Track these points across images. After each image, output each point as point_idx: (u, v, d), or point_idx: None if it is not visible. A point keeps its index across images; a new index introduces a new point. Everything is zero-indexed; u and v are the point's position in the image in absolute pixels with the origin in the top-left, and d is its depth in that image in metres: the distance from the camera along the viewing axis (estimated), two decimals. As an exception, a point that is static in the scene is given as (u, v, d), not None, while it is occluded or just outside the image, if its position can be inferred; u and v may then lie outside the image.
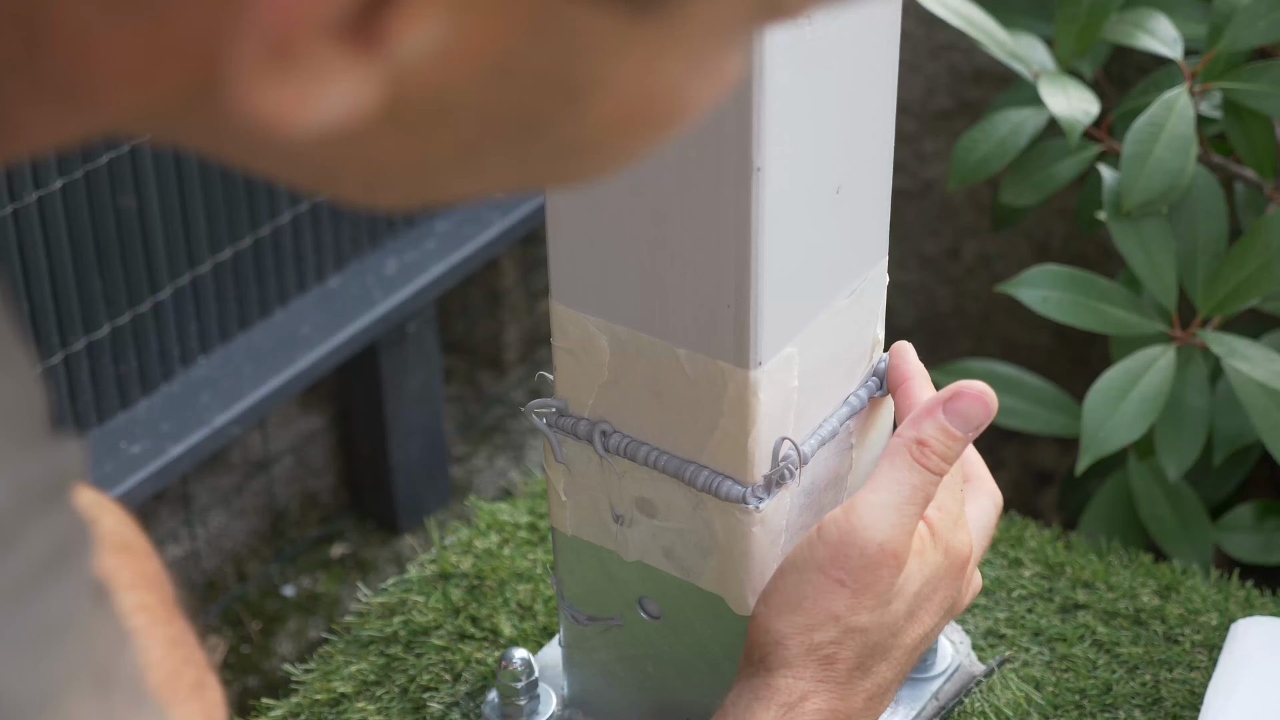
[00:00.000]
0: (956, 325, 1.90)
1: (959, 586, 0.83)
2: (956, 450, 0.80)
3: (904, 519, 0.79)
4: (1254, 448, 1.42)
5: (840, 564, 0.79)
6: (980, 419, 0.80)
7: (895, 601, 0.80)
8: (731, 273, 0.76)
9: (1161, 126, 1.24)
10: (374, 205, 0.44)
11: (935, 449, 0.80)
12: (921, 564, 0.81)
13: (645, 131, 0.42)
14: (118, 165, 1.31)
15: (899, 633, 0.81)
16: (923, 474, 0.79)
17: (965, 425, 0.80)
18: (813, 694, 0.79)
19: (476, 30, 0.37)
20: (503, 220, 1.64)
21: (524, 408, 0.85)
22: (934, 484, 0.80)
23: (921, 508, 0.80)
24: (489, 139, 0.41)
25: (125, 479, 1.37)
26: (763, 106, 0.71)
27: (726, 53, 0.42)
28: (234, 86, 0.36)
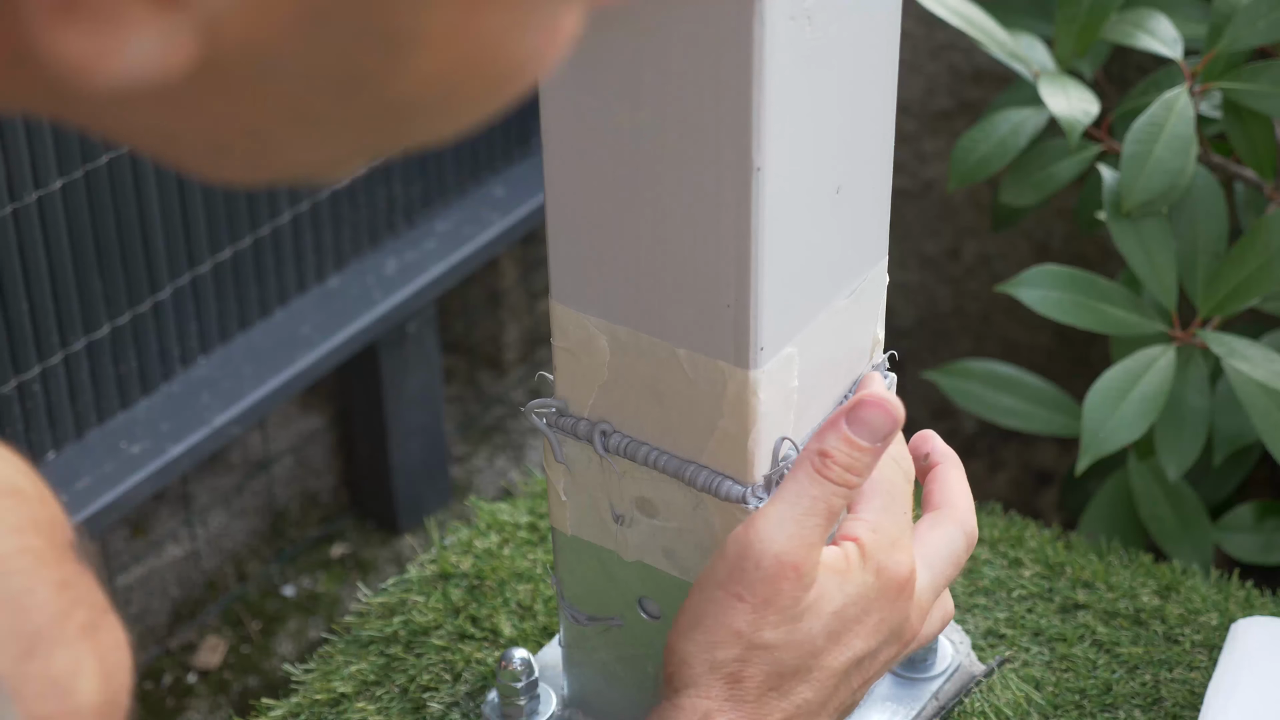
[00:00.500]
0: (956, 325, 1.90)
1: (902, 610, 0.79)
2: (863, 461, 0.77)
3: (803, 531, 0.76)
4: (1254, 448, 1.42)
5: (738, 578, 0.76)
6: (885, 428, 0.77)
7: (807, 619, 0.77)
8: (731, 273, 0.76)
9: (1161, 126, 1.24)
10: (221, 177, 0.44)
11: (838, 460, 0.77)
12: (844, 582, 0.77)
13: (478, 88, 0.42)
14: (117, 165, 1.31)
15: (819, 654, 0.77)
16: (824, 485, 0.77)
17: (870, 434, 0.77)
18: (718, 713, 0.76)
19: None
20: (503, 220, 1.64)
21: (524, 408, 0.85)
22: (839, 496, 0.77)
23: (825, 519, 0.77)
24: (317, 98, 0.40)
25: (125, 479, 1.37)
26: (763, 106, 0.71)
27: (559, 7, 0.42)
28: (32, 34, 0.36)
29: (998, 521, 1.13)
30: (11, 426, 1.32)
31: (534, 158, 1.69)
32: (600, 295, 0.80)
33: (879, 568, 0.78)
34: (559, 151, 0.78)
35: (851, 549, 0.78)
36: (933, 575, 0.81)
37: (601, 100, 0.75)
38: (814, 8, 0.72)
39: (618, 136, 0.76)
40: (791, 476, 0.78)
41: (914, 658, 0.98)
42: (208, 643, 1.66)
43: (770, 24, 0.70)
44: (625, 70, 0.74)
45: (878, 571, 0.78)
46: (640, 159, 0.76)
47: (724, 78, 0.71)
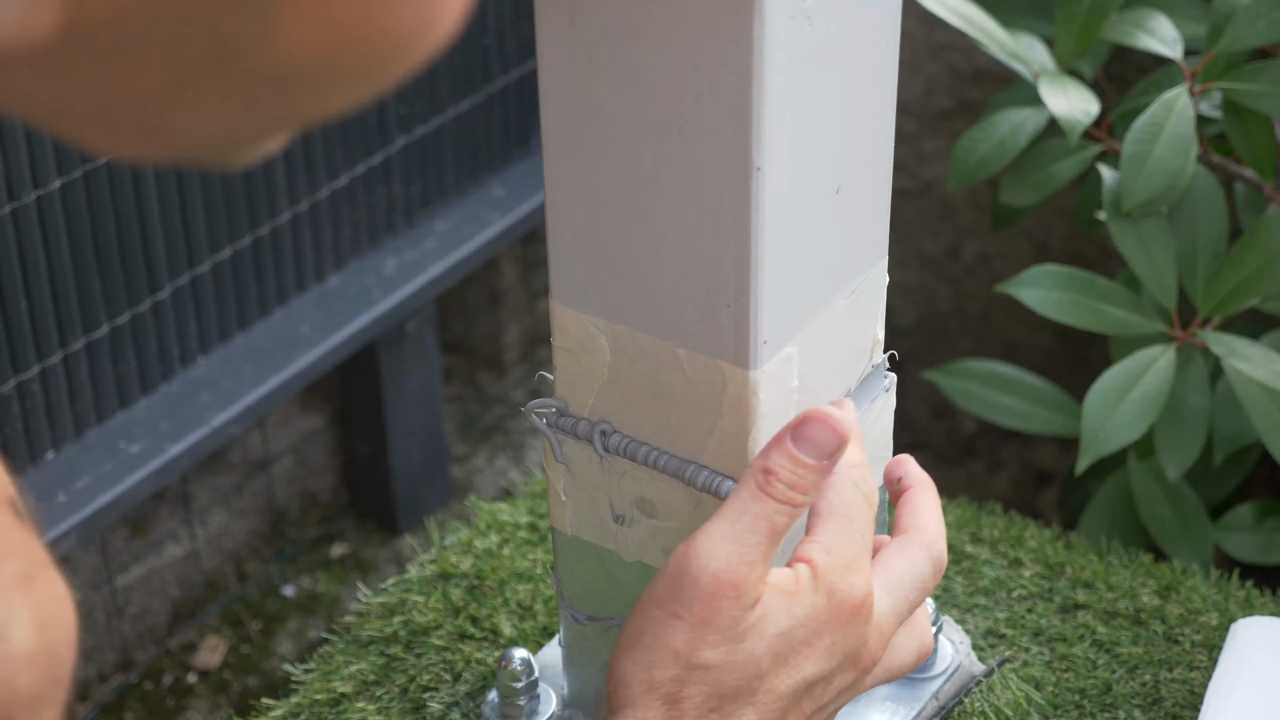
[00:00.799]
0: (956, 325, 1.90)
1: (857, 634, 0.77)
2: (808, 478, 0.76)
3: (744, 548, 0.74)
4: (1254, 448, 1.42)
5: (676, 596, 0.75)
6: (830, 445, 0.76)
7: (750, 640, 0.75)
8: (731, 273, 0.76)
9: (1161, 126, 1.24)
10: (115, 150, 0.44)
11: (781, 476, 0.75)
12: (792, 604, 0.75)
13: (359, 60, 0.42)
14: (117, 165, 1.31)
15: (764, 675, 0.75)
16: (767, 502, 0.75)
17: (815, 451, 0.76)
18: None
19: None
20: (503, 220, 1.64)
21: (524, 408, 0.85)
22: (782, 513, 0.75)
23: (767, 537, 0.75)
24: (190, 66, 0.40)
25: (125, 479, 1.37)
26: (763, 106, 0.71)
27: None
28: None
29: (998, 521, 1.13)
30: (11, 426, 1.32)
31: (534, 158, 1.69)
32: (600, 295, 0.80)
33: (831, 590, 0.76)
34: (559, 151, 0.78)
35: (803, 570, 0.76)
36: (894, 600, 0.79)
37: (601, 100, 0.75)
38: (814, 8, 0.72)
39: (618, 137, 0.76)
40: (735, 493, 0.76)
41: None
42: (208, 643, 1.66)
43: (770, 24, 0.70)
44: (625, 70, 0.74)
45: (830, 593, 0.76)
46: (640, 159, 0.76)
47: (724, 78, 0.71)
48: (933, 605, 0.97)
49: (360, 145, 1.51)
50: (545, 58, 0.76)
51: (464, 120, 1.60)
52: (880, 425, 0.90)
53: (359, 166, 1.52)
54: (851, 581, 0.76)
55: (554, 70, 0.76)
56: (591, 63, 0.75)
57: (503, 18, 1.60)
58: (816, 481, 0.76)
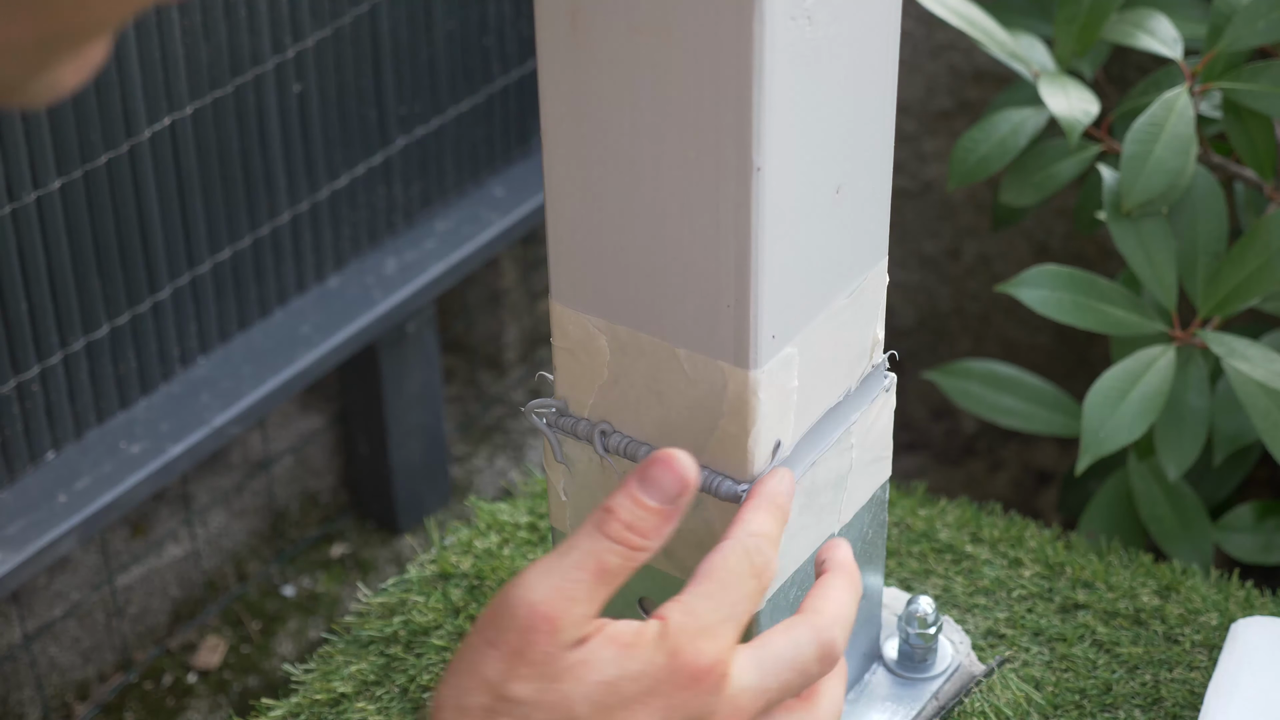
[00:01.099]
0: (956, 325, 1.90)
1: (701, 703, 0.73)
2: (646, 521, 0.73)
3: (565, 583, 0.72)
4: (1254, 448, 1.42)
5: (493, 624, 0.72)
6: (672, 488, 0.73)
7: (566, 681, 0.72)
8: (731, 273, 0.76)
9: (1161, 126, 1.24)
10: None
11: (619, 515, 0.73)
12: (625, 656, 0.72)
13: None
14: (117, 165, 1.31)
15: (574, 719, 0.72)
16: (599, 540, 0.73)
17: (657, 494, 0.73)
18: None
19: None
20: (503, 220, 1.64)
21: (524, 408, 0.85)
22: (615, 554, 0.73)
23: (594, 576, 0.72)
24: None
25: (125, 479, 1.37)
26: (763, 106, 0.71)
27: None
28: None
29: (998, 521, 1.13)
30: (11, 426, 1.32)
31: (534, 158, 1.69)
32: (600, 295, 0.80)
33: (675, 650, 0.72)
34: (559, 151, 0.78)
35: (651, 625, 0.73)
36: (761, 676, 0.74)
37: (601, 100, 0.75)
38: (814, 8, 0.72)
39: (618, 136, 0.76)
40: (574, 530, 0.74)
41: (913, 657, 0.98)
42: (208, 643, 1.66)
43: (770, 24, 0.70)
44: (625, 70, 0.74)
45: (672, 654, 0.72)
46: (640, 159, 0.76)
47: (724, 78, 0.71)
48: (933, 605, 0.97)
49: (360, 145, 1.51)
50: (545, 58, 0.76)
51: (464, 120, 1.60)
52: (880, 425, 0.90)
53: (359, 166, 1.52)
54: (701, 647, 0.73)
55: (554, 70, 0.76)
56: (591, 63, 0.75)
57: (503, 18, 1.60)
58: (658, 525, 0.74)
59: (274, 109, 1.41)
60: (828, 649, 0.75)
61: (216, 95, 1.36)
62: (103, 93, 1.28)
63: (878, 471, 0.91)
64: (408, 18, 1.50)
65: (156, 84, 1.31)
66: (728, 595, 0.74)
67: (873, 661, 0.99)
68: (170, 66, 1.31)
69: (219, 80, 1.36)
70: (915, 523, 1.13)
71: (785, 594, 0.86)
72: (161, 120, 1.33)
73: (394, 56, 1.50)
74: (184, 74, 1.33)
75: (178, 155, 1.35)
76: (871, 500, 0.92)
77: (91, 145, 1.29)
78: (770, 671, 0.74)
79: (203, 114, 1.36)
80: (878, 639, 0.99)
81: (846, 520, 0.90)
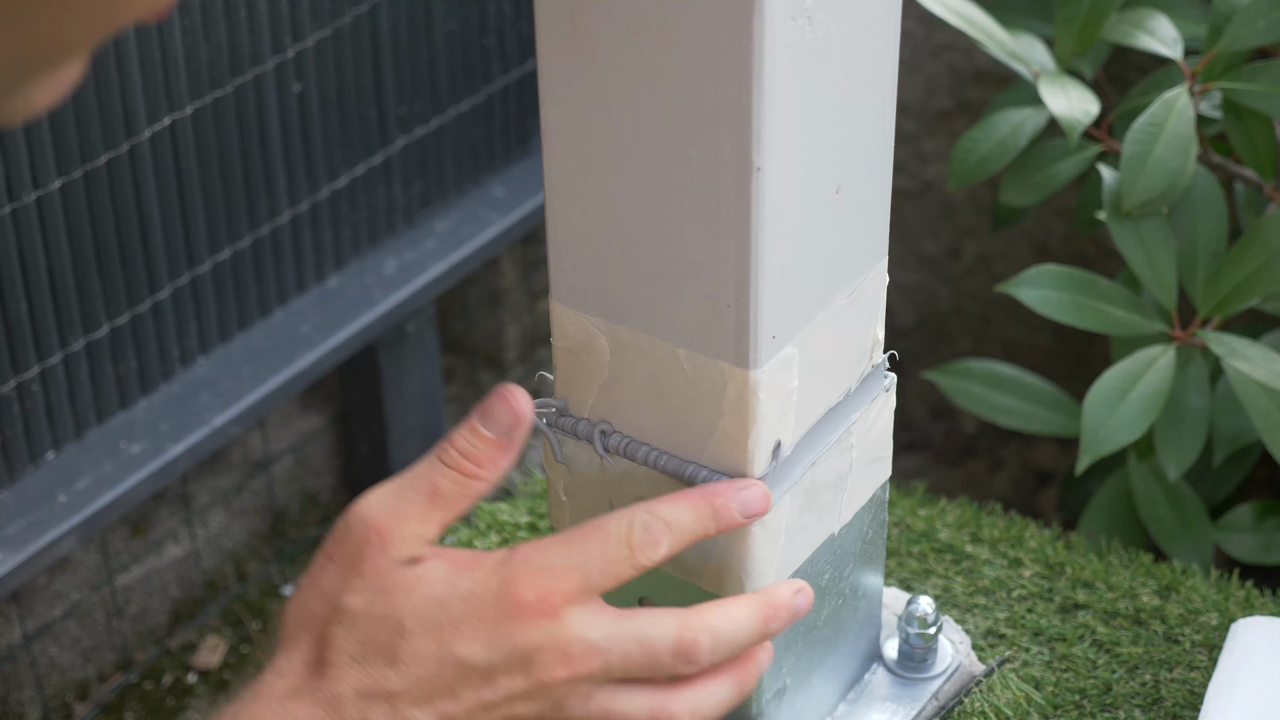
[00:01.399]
0: (956, 325, 1.90)
1: (528, 638, 0.74)
2: (482, 450, 0.76)
3: (398, 502, 0.75)
4: (1254, 448, 1.42)
5: (333, 539, 0.76)
6: (505, 421, 0.76)
7: (397, 596, 0.74)
8: (731, 273, 0.76)
9: (1161, 126, 1.24)
10: None
11: (457, 444, 0.76)
12: (458, 575, 0.74)
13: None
14: (117, 165, 1.31)
15: (406, 636, 0.74)
16: (434, 464, 0.76)
17: (493, 426, 0.76)
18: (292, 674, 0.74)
19: None
20: (503, 220, 1.64)
21: (524, 408, 0.85)
22: (447, 478, 0.76)
23: (428, 498, 0.75)
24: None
25: (125, 479, 1.37)
26: (763, 106, 0.71)
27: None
28: None
29: (998, 521, 1.13)
30: (11, 426, 1.32)
31: (534, 158, 1.69)
32: (600, 295, 0.80)
33: (508, 578, 0.74)
34: (559, 151, 0.78)
35: (495, 553, 0.75)
36: (604, 638, 0.75)
37: (601, 101, 0.75)
38: (814, 8, 0.72)
39: (618, 136, 0.76)
40: None
41: (913, 657, 0.98)
42: (208, 643, 1.66)
43: (770, 24, 0.70)
44: (625, 70, 0.74)
45: (505, 580, 0.74)
46: (640, 159, 0.76)
47: (724, 78, 0.71)
48: (933, 605, 0.97)
49: (360, 145, 1.51)
50: (545, 58, 0.76)
51: (464, 120, 1.60)
52: (880, 425, 0.90)
53: (359, 166, 1.52)
54: (536, 580, 0.74)
55: (554, 70, 0.76)
56: (591, 62, 0.75)
57: (503, 18, 1.60)
58: (492, 456, 0.76)
59: (274, 109, 1.41)
60: (687, 648, 0.75)
61: (216, 95, 1.36)
62: (103, 93, 1.28)
63: (878, 471, 0.91)
64: (408, 18, 1.50)
65: (156, 84, 1.31)
66: (587, 549, 0.75)
67: (873, 661, 0.99)
68: (170, 66, 1.31)
69: (219, 80, 1.36)
70: (915, 523, 1.13)
71: (785, 594, 0.86)
72: (161, 120, 1.33)
73: (394, 56, 1.50)
74: (184, 74, 1.33)
75: (178, 155, 1.35)
76: (871, 500, 0.92)
77: (91, 145, 1.29)
78: (616, 638, 0.75)
79: (203, 114, 1.36)
80: (878, 639, 0.99)
81: (846, 520, 0.90)
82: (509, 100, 1.64)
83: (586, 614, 0.75)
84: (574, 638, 0.74)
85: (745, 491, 0.79)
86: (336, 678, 0.74)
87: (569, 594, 0.74)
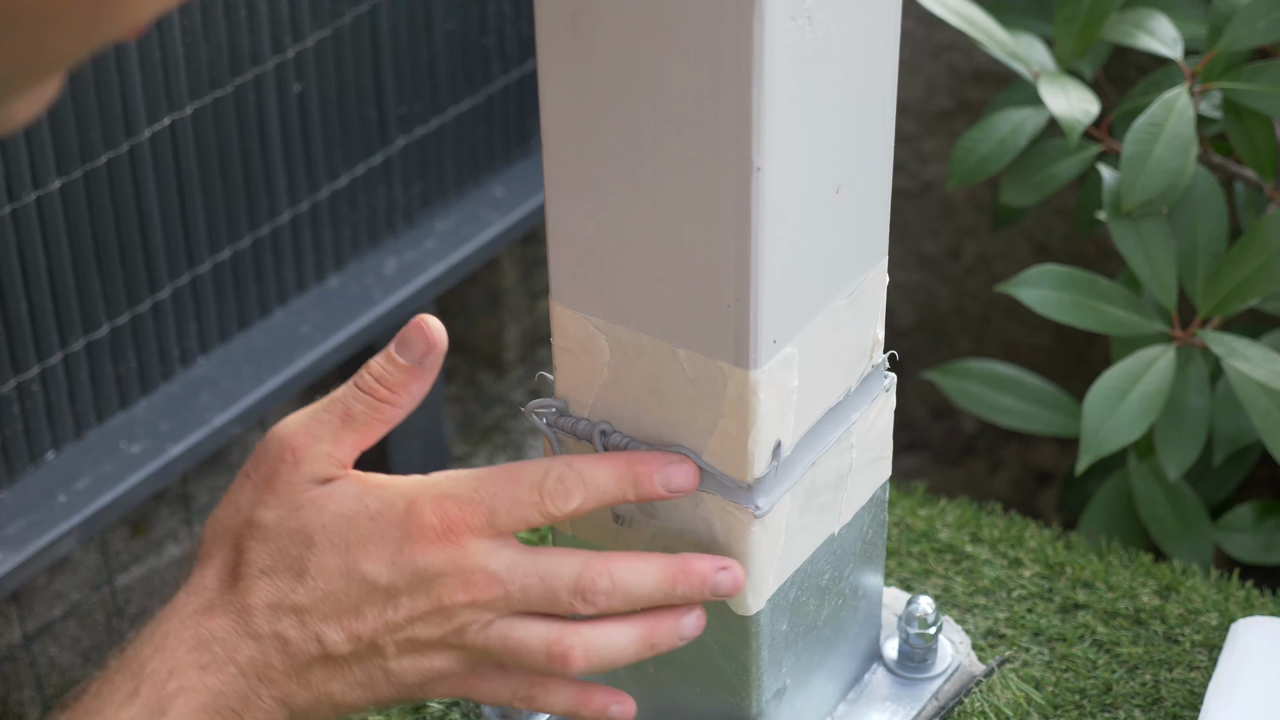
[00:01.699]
0: (956, 325, 1.90)
1: (429, 560, 0.76)
2: (394, 375, 0.79)
3: (312, 422, 0.78)
4: (1254, 448, 1.42)
5: (252, 457, 0.79)
6: (419, 348, 0.80)
7: (307, 511, 0.77)
8: (731, 273, 0.76)
9: (1161, 126, 1.24)
10: None
11: (371, 369, 0.80)
12: (367, 493, 0.77)
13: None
14: (117, 165, 1.31)
15: (314, 549, 0.76)
16: (350, 389, 0.79)
17: (407, 352, 0.80)
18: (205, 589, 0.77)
19: None
20: (503, 220, 1.64)
21: (524, 408, 0.85)
22: (360, 401, 0.79)
23: (341, 419, 0.78)
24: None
25: (125, 479, 1.36)
26: (763, 106, 0.71)
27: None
28: None
29: (998, 521, 1.13)
30: (11, 426, 1.32)
31: (534, 158, 1.69)
32: (600, 295, 0.80)
33: (415, 500, 0.76)
34: (559, 151, 0.78)
35: (409, 478, 0.78)
36: (506, 569, 0.77)
37: (601, 101, 0.75)
38: (814, 8, 0.72)
39: (618, 136, 0.76)
40: None
41: (913, 657, 0.98)
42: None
43: (770, 24, 0.70)
44: (625, 70, 0.74)
45: (411, 502, 0.76)
46: (640, 159, 0.76)
47: (724, 78, 0.71)
48: (933, 605, 0.97)
49: (360, 145, 1.51)
50: (545, 58, 0.76)
51: (464, 120, 1.60)
52: (880, 425, 0.90)
53: (359, 166, 1.52)
54: (442, 506, 0.76)
55: (554, 70, 0.76)
56: (591, 63, 0.75)
57: (503, 18, 1.60)
58: (404, 381, 0.79)
59: (274, 109, 1.41)
60: (586, 587, 0.77)
61: (216, 95, 1.36)
62: (103, 93, 1.28)
63: (878, 471, 0.91)
64: (408, 18, 1.50)
65: (156, 84, 1.31)
66: (496, 484, 0.77)
67: (873, 661, 0.99)
68: (170, 66, 1.31)
69: (219, 80, 1.36)
70: (915, 523, 1.13)
71: (785, 594, 0.86)
72: (161, 120, 1.33)
73: (394, 56, 1.50)
74: (184, 74, 1.33)
75: (178, 155, 1.35)
76: (871, 500, 0.92)
77: (91, 145, 1.29)
78: (517, 570, 0.76)
79: (203, 114, 1.36)
80: (878, 639, 0.99)
81: (846, 520, 0.90)
82: (509, 100, 1.64)
83: (491, 546, 0.77)
84: (475, 565, 0.76)
85: (673, 466, 0.80)
86: (246, 589, 0.76)
87: (473, 525, 0.76)
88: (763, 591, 0.84)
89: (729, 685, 0.87)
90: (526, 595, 0.77)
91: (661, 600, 0.79)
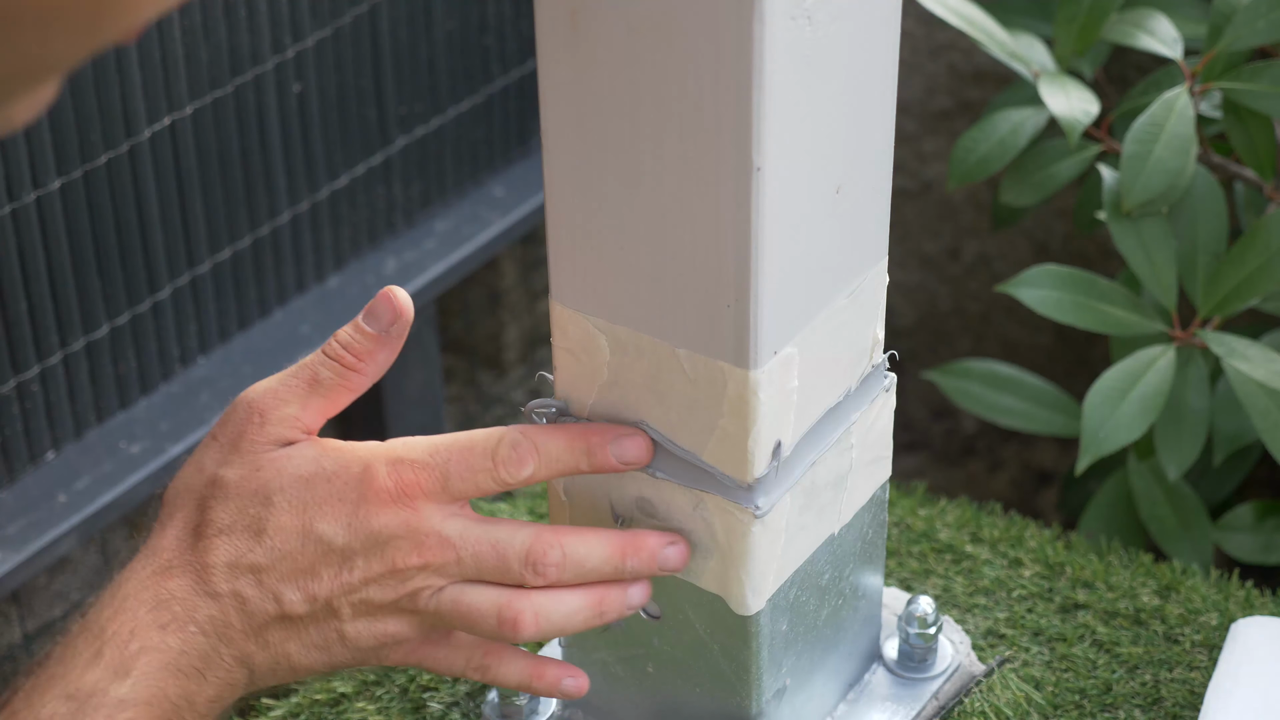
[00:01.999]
0: (956, 325, 1.90)
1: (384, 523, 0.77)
2: (361, 344, 0.82)
3: (280, 386, 0.80)
4: (1254, 448, 1.42)
5: (220, 420, 0.81)
6: (386, 317, 0.82)
7: (268, 471, 0.78)
8: (731, 273, 0.76)
9: (1161, 126, 1.24)
10: None
11: (339, 337, 0.82)
12: (325, 455, 0.79)
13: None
14: (117, 165, 1.31)
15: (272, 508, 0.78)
16: (318, 355, 0.82)
17: (373, 321, 0.82)
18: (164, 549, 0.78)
19: None
20: (503, 220, 1.64)
21: (524, 407, 0.85)
22: (327, 367, 0.81)
23: (308, 385, 0.81)
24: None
25: (125, 479, 1.36)
26: (763, 106, 0.71)
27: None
28: None
29: (998, 521, 1.13)
30: (11, 426, 1.32)
31: (534, 158, 1.69)
32: (600, 295, 0.80)
33: (370, 463, 0.78)
34: (559, 151, 0.78)
35: (367, 444, 0.79)
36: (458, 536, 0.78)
37: (601, 101, 0.75)
38: (814, 8, 0.72)
39: (618, 136, 0.76)
40: None
41: (913, 657, 0.98)
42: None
43: (770, 24, 0.70)
44: (625, 70, 0.74)
45: (366, 466, 0.78)
46: (640, 159, 0.76)
47: (724, 78, 0.71)
48: (933, 605, 0.97)
49: (360, 145, 1.51)
50: (545, 58, 0.76)
51: (464, 120, 1.60)
52: (880, 425, 0.90)
53: (359, 166, 1.52)
54: (397, 470, 0.78)
55: (554, 70, 0.76)
56: (591, 63, 0.75)
57: (503, 18, 1.60)
58: (371, 350, 0.82)
59: (274, 109, 1.41)
60: (536, 557, 0.78)
61: (216, 95, 1.36)
62: (103, 93, 1.28)
63: (878, 471, 0.91)
64: (408, 18, 1.50)
65: (156, 84, 1.31)
66: (450, 450, 0.79)
67: (873, 661, 0.99)
68: (170, 66, 1.31)
69: (219, 80, 1.36)
70: (915, 523, 1.13)
71: (785, 594, 0.86)
72: (161, 120, 1.33)
73: (394, 56, 1.50)
74: (184, 74, 1.33)
75: (178, 155, 1.35)
76: (871, 500, 0.92)
77: (91, 145, 1.29)
78: (470, 536, 0.78)
79: (203, 114, 1.36)
80: (878, 639, 0.99)
81: (846, 520, 0.90)
82: (509, 100, 1.64)
83: (445, 511, 0.78)
84: (428, 529, 0.78)
85: (626, 438, 0.81)
86: (205, 549, 0.78)
87: (427, 490, 0.78)
88: (763, 591, 0.84)
89: (729, 685, 0.87)
90: (479, 562, 0.78)
91: (611, 574, 0.81)
